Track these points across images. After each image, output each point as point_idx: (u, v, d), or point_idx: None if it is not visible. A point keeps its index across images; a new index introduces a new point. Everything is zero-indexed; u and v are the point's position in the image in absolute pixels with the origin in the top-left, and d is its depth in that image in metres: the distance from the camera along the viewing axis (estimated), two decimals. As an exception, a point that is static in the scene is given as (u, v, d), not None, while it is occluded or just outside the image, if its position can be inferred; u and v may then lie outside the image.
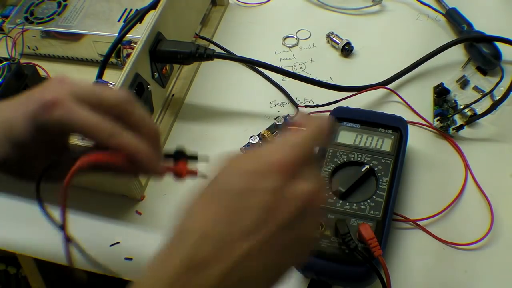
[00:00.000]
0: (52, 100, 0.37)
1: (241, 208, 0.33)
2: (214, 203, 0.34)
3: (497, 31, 0.67)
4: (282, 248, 0.34)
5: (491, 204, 0.55)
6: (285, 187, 0.33)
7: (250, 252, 0.32)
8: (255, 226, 0.32)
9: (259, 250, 0.32)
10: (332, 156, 0.55)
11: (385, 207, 0.51)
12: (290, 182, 0.34)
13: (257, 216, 0.33)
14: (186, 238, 0.33)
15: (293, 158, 0.34)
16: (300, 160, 0.35)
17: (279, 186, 0.33)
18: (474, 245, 0.52)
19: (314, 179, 0.35)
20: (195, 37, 0.73)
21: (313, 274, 0.49)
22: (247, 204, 0.33)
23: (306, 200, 0.34)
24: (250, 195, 0.33)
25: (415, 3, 0.75)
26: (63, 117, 0.37)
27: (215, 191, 0.34)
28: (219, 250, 0.32)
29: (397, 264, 0.52)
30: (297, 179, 0.34)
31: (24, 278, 0.88)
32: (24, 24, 0.67)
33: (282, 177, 0.33)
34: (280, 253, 0.34)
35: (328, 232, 0.49)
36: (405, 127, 0.57)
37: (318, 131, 0.37)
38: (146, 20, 0.60)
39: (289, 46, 0.74)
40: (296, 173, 0.34)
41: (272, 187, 0.33)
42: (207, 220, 0.33)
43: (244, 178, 0.34)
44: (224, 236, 0.32)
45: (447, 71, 0.67)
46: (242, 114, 0.66)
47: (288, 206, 0.33)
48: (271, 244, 0.33)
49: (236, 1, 0.80)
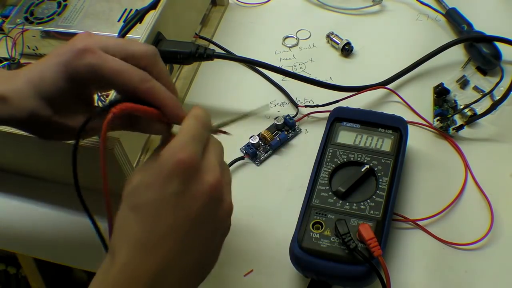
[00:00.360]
0: (84, 48, 0.40)
1: (156, 216, 0.36)
2: (133, 218, 0.37)
3: (497, 31, 0.67)
4: (205, 240, 0.38)
5: (491, 204, 0.55)
6: (190, 185, 0.36)
7: (175, 251, 0.36)
8: (171, 228, 0.36)
9: (181, 248, 0.36)
10: (332, 156, 0.55)
11: (385, 207, 0.51)
12: (194, 179, 0.37)
13: (172, 220, 0.36)
14: (118, 254, 0.36)
15: (192, 154, 0.37)
16: (196, 154, 0.37)
17: (183, 188, 0.36)
18: (474, 245, 0.52)
19: (212, 169, 0.38)
20: (195, 37, 0.73)
21: (313, 274, 0.49)
22: (160, 212, 0.36)
23: (209, 193, 0.37)
24: (160, 203, 0.36)
25: (415, 3, 0.75)
26: (95, 63, 0.39)
27: (131, 207, 0.37)
28: (145, 255, 0.36)
29: (397, 264, 0.52)
30: (199, 173, 0.37)
31: (24, 278, 0.88)
32: (24, 24, 0.67)
33: (184, 178, 0.36)
34: (206, 239, 0.38)
35: (328, 232, 0.49)
36: (405, 127, 0.57)
37: (200, 120, 0.40)
38: (146, 20, 0.60)
39: (289, 46, 0.74)
40: (198, 169, 0.37)
41: (176, 191, 0.36)
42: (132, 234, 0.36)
43: (156, 187, 0.36)
44: (145, 244, 0.36)
45: (447, 71, 0.67)
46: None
47: (196, 202, 0.37)
48: (196, 235, 0.37)
49: (236, 1, 0.81)
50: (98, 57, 0.40)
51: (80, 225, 0.59)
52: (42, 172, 0.62)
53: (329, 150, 0.56)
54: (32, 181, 0.62)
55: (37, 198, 0.61)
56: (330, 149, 0.56)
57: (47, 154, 0.57)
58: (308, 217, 0.51)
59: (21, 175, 0.63)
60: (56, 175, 0.61)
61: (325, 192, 0.52)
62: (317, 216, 0.50)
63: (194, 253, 0.38)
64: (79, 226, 0.59)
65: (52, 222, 0.59)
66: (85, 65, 0.40)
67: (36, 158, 0.60)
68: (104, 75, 0.40)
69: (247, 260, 0.54)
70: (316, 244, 0.49)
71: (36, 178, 0.63)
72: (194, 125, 0.39)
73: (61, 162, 0.59)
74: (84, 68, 0.40)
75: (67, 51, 0.40)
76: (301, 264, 0.49)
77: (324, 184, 0.53)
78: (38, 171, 0.62)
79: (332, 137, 0.57)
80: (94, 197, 0.60)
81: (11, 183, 0.63)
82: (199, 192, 0.37)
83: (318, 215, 0.51)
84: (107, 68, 0.40)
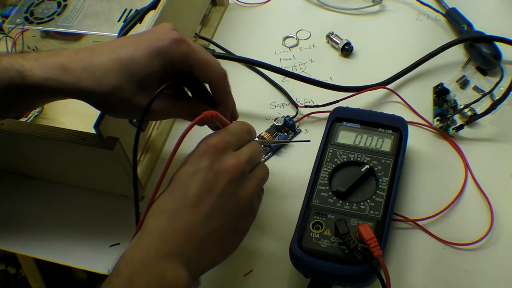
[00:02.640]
0: (180, 38, 0.45)
1: (185, 188, 0.43)
2: (167, 190, 0.44)
3: (497, 31, 0.67)
4: (226, 216, 0.43)
5: (491, 204, 0.55)
6: (215, 164, 0.43)
7: (207, 214, 0.42)
8: (199, 196, 0.42)
9: (209, 213, 0.42)
10: (332, 156, 0.55)
11: (385, 207, 0.51)
12: (219, 160, 0.43)
13: (198, 191, 0.42)
14: (157, 219, 0.43)
15: (223, 141, 0.44)
16: (227, 143, 0.45)
17: (209, 165, 0.43)
18: (474, 245, 0.52)
19: (238, 157, 0.45)
20: (195, 37, 0.73)
21: (313, 274, 0.49)
22: (189, 184, 0.43)
23: (230, 172, 0.43)
24: (192, 176, 0.43)
25: (415, 3, 0.75)
26: (189, 51, 0.45)
27: (168, 183, 0.44)
28: (169, 222, 0.42)
29: (397, 264, 0.52)
30: (226, 156, 0.44)
31: (24, 278, 0.88)
32: (24, 24, 0.67)
33: (213, 157, 0.43)
34: (227, 215, 0.43)
35: (328, 232, 0.49)
36: (405, 127, 0.57)
37: (245, 125, 0.48)
38: (146, 20, 0.61)
39: (289, 47, 0.74)
40: (225, 152, 0.44)
41: (204, 166, 0.43)
42: (162, 203, 0.43)
43: (189, 164, 0.44)
44: (177, 209, 0.42)
45: (447, 71, 0.67)
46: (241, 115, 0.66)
47: (218, 178, 0.43)
48: (217, 209, 0.43)
49: (236, 1, 0.81)
50: (191, 46, 0.45)
51: (80, 225, 0.59)
52: (42, 172, 0.62)
53: (329, 150, 0.56)
54: (32, 181, 0.62)
55: (37, 198, 0.61)
56: (330, 149, 0.56)
57: (47, 154, 0.57)
58: (308, 217, 0.51)
59: (21, 175, 0.63)
60: (56, 175, 0.61)
61: (325, 192, 0.52)
62: (317, 216, 0.50)
63: (214, 225, 0.43)
64: (79, 226, 0.59)
65: (52, 222, 0.59)
66: (180, 52, 0.45)
67: (36, 158, 0.60)
68: (195, 64, 0.45)
69: (247, 260, 0.54)
70: (316, 244, 0.49)
71: (36, 178, 0.63)
72: (237, 125, 0.47)
73: (61, 162, 0.59)
74: (179, 56, 0.45)
75: (163, 39, 0.45)
76: (301, 264, 0.49)
77: (324, 184, 0.53)
78: (38, 171, 0.62)
79: (332, 137, 0.57)
80: (93, 197, 0.61)
81: (11, 183, 0.63)
82: (221, 170, 0.43)
83: (318, 215, 0.51)
84: (198, 58, 0.45)
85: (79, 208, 0.60)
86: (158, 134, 0.65)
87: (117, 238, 0.57)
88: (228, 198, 0.43)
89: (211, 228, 0.43)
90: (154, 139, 0.64)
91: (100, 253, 0.56)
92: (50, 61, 0.44)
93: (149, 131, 0.64)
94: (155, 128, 0.65)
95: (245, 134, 0.47)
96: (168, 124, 0.66)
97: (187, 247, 0.41)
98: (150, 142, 0.64)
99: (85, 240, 0.58)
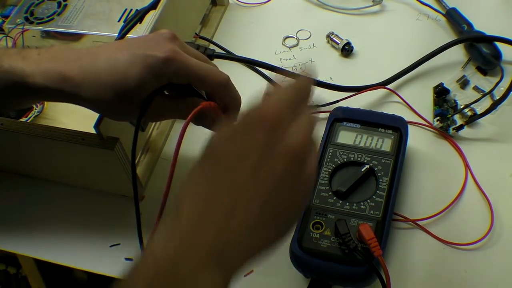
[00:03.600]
0: (173, 56, 0.43)
1: (235, 170, 0.35)
2: (203, 172, 0.36)
3: (497, 31, 0.67)
4: (284, 209, 0.36)
5: (491, 204, 0.55)
6: (272, 144, 0.35)
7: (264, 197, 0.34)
8: (243, 187, 0.34)
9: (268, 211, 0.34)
10: (332, 156, 0.55)
11: (385, 207, 0.51)
12: (277, 139, 0.35)
13: (248, 177, 0.34)
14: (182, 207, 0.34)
15: (279, 113, 0.35)
16: (286, 115, 0.36)
17: (265, 143, 0.34)
18: (474, 245, 0.52)
19: (297, 134, 0.36)
20: (195, 37, 0.73)
21: (313, 274, 0.49)
22: (241, 167, 0.34)
23: (291, 156, 0.35)
24: (243, 157, 0.35)
25: (415, 3, 0.75)
26: (183, 68, 0.44)
27: (211, 155, 0.36)
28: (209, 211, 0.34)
29: (397, 264, 0.52)
30: (284, 131, 0.35)
31: (24, 278, 0.88)
32: (24, 24, 0.67)
33: (267, 132, 0.35)
34: (279, 213, 0.35)
35: (328, 232, 0.49)
36: (405, 127, 0.57)
37: (299, 91, 0.38)
38: (146, 20, 0.61)
39: (289, 46, 0.74)
40: (284, 127, 0.35)
41: (259, 145, 0.34)
42: (198, 189, 0.35)
43: (235, 140, 0.36)
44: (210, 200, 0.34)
45: (447, 71, 0.67)
46: (242, 114, 0.66)
47: (277, 163, 0.34)
48: (276, 196, 0.35)
49: (236, 1, 0.80)
50: (184, 63, 0.44)
51: (80, 225, 0.59)
52: (42, 172, 0.62)
53: (329, 150, 0.56)
54: (32, 181, 0.62)
55: (37, 198, 0.61)
56: (330, 149, 0.56)
57: (47, 154, 0.57)
58: (308, 217, 0.51)
59: (21, 175, 0.63)
60: (56, 175, 0.61)
61: (325, 192, 0.52)
62: (317, 216, 0.50)
63: (271, 228, 0.36)
64: (79, 226, 0.59)
65: (52, 222, 0.59)
66: (173, 71, 0.44)
67: (36, 158, 0.60)
68: (190, 78, 0.45)
69: (247, 260, 0.54)
70: (316, 244, 0.49)
71: (36, 178, 0.63)
72: (289, 91, 0.38)
73: (61, 162, 0.59)
74: (173, 73, 0.44)
75: (156, 56, 0.43)
76: (301, 264, 0.49)
77: (324, 184, 0.53)
78: (38, 171, 0.62)
79: (332, 137, 0.57)
80: (93, 197, 0.61)
81: (11, 183, 0.63)
82: (281, 153, 0.35)
83: (318, 215, 0.51)
84: (192, 74, 0.45)
85: (79, 208, 0.60)
86: (158, 134, 0.65)
87: (117, 238, 0.57)
88: (284, 186, 0.35)
89: (268, 233, 0.36)
90: (154, 139, 0.64)
91: (100, 253, 0.56)
92: (51, 68, 0.45)
93: (149, 131, 0.64)
94: (155, 128, 0.65)
95: (299, 100, 0.38)
96: (168, 124, 0.66)
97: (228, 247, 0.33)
98: (150, 142, 0.64)
99: (85, 240, 0.58)
